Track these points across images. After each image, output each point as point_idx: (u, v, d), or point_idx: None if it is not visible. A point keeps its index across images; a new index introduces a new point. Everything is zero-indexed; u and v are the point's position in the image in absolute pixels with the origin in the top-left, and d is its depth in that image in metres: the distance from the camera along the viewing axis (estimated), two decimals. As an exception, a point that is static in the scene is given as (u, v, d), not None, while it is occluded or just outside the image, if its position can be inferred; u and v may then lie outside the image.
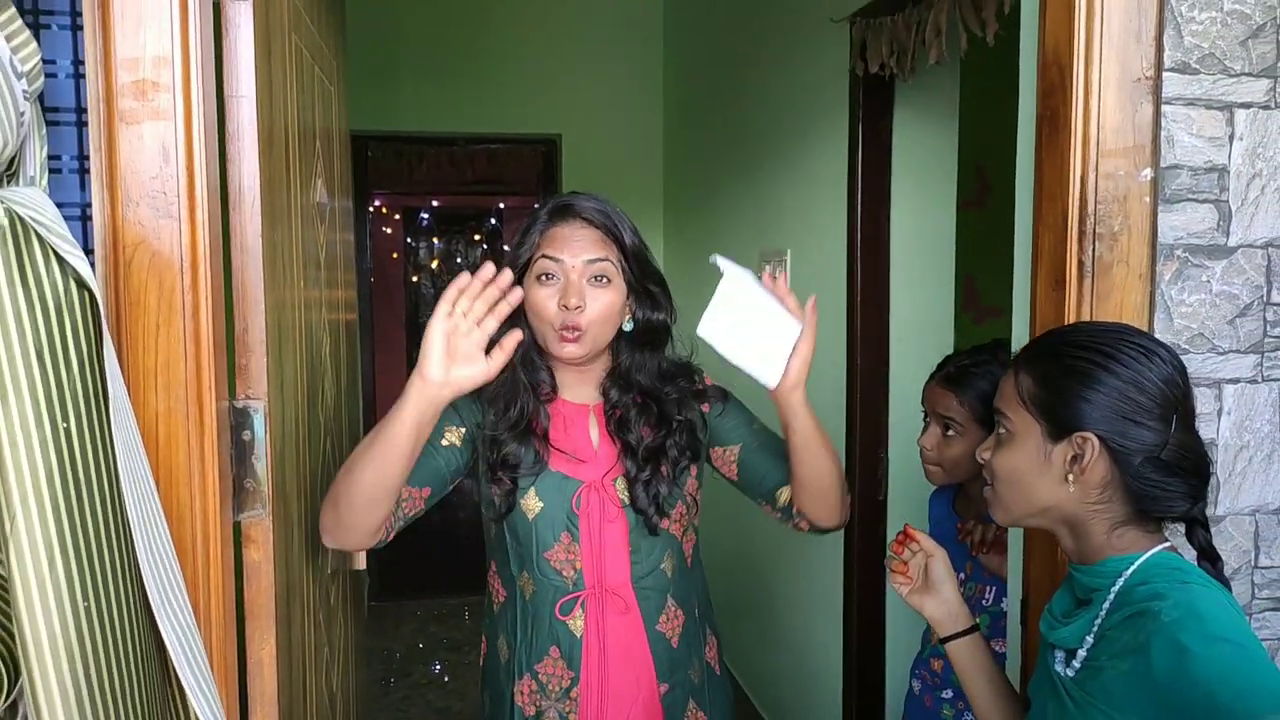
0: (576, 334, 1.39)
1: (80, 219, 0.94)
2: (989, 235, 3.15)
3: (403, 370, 8.85)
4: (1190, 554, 1.01)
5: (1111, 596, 0.96)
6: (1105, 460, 0.96)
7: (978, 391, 1.70)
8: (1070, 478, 0.98)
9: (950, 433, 1.75)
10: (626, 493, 1.46)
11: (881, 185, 2.38)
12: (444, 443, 1.44)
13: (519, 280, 1.42)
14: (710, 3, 3.73)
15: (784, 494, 1.51)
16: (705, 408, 1.54)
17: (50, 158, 0.93)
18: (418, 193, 7.84)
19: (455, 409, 1.45)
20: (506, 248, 8.70)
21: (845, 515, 1.48)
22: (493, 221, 8.86)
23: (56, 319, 0.75)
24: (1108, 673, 0.92)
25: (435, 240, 8.95)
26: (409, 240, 8.93)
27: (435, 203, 8.58)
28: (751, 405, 1.61)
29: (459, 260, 9.04)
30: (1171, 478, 0.96)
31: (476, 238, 8.91)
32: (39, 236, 0.75)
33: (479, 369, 1.15)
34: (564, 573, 1.45)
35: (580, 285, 1.39)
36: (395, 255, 8.82)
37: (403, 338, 8.71)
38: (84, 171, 0.94)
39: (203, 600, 0.96)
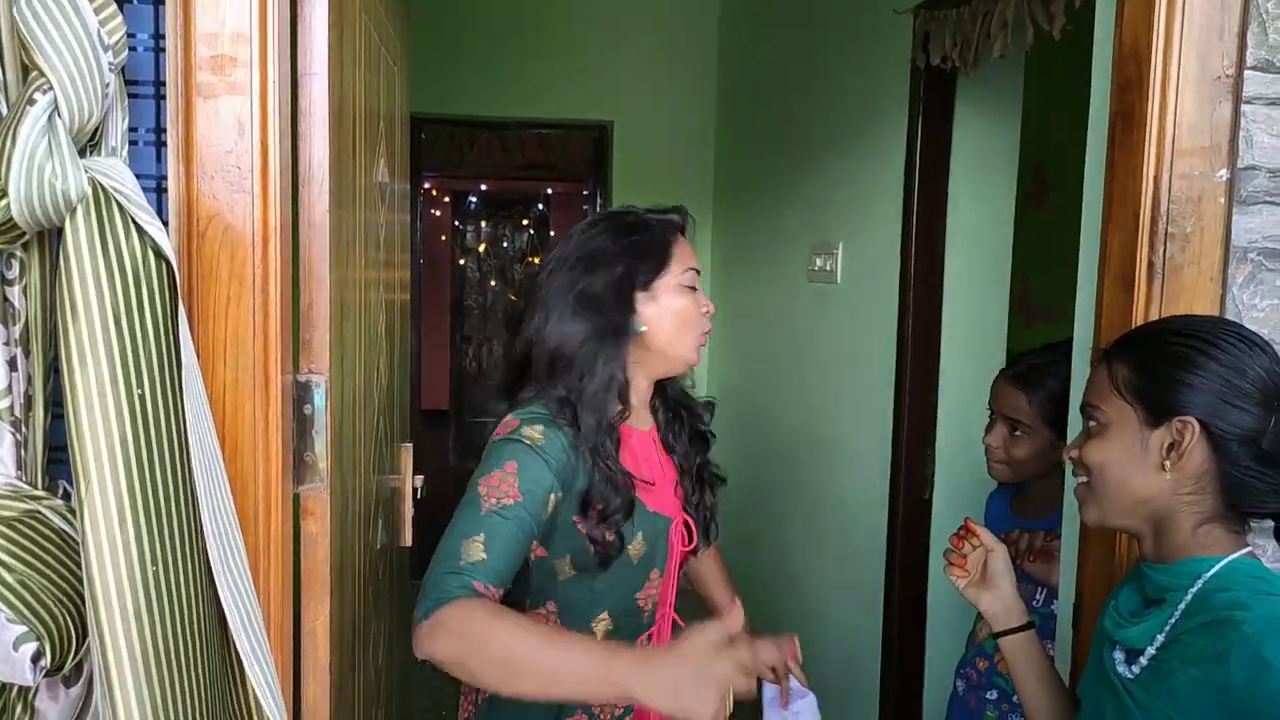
0: (706, 337, 1.44)
1: (155, 190, 0.96)
2: (1045, 236, 3.11)
3: (446, 351, 8.91)
4: (1271, 560, 0.99)
5: (1188, 598, 0.94)
6: (1204, 447, 0.94)
7: (1048, 391, 1.67)
8: (1167, 465, 0.96)
9: (1018, 432, 1.72)
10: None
11: (940, 180, 2.35)
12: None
13: (646, 287, 1.38)
14: (768, -8, 3.71)
15: None
16: None
17: (131, 130, 0.95)
18: (468, 176, 7.89)
19: (552, 473, 1.28)
20: (554, 233, 8.70)
21: None
22: (540, 207, 8.90)
23: (135, 286, 0.76)
24: (1177, 677, 0.90)
25: (483, 224, 9.01)
26: (457, 223, 8.99)
27: (484, 187, 8.62)
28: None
29: (505, 244, 9.09)
30: (1270, 469, 0.94)
31: (524, 222, 8.95)
32: (119, 206, 0.77)
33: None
34: (644, 608, 1.43)
35: None
36: (443, 237, 8.88)
37: (447, 319, 8.78)
38: (160, 144, 0.96)
39: (262, 569, 0.98)
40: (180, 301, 0.81)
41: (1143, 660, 0.97)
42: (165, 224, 0.95)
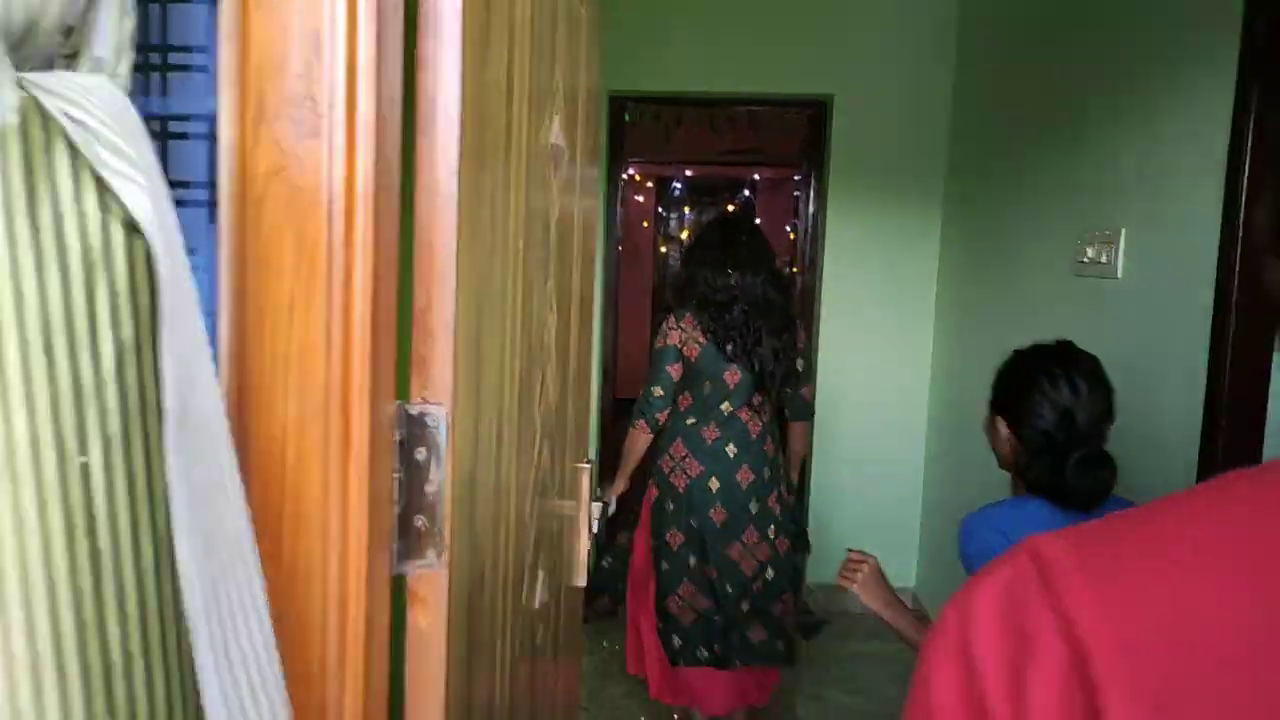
0: None
1: (208, 137, 0.66)
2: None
3: (647, 339, 8.70)
4: None
5: None
6: None
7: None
8: None
9: None
10: None
11: (1284, 146, 1.78)
12: None
13: None
14: (1027, -66, 3.14)
15: None
16: None
17: (178, 49, 0.66)
18: (672, 161, 7.63)
19: None
20: (759, 221, 8.56)
21: None
22: (746, 193, 8.51)
23: (83, 282, 0.45)
24: None
25: (686, 210, 8.74)
26: (660, 209, 8.77)
27: (689, 173, 8.35)
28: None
29: (709, 232, 8.77)
30: None
31: (730, 210, 8.59)
32: (69, 145, 0.46)
33: None
34: None
35: None
36: (645, 224, 8.70)
37: (647, 309, 8.58)
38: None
39: (332, 694, 0.66)
40: (166, 303, 0.49)
41: None
42: (212, 184, 0.65)
